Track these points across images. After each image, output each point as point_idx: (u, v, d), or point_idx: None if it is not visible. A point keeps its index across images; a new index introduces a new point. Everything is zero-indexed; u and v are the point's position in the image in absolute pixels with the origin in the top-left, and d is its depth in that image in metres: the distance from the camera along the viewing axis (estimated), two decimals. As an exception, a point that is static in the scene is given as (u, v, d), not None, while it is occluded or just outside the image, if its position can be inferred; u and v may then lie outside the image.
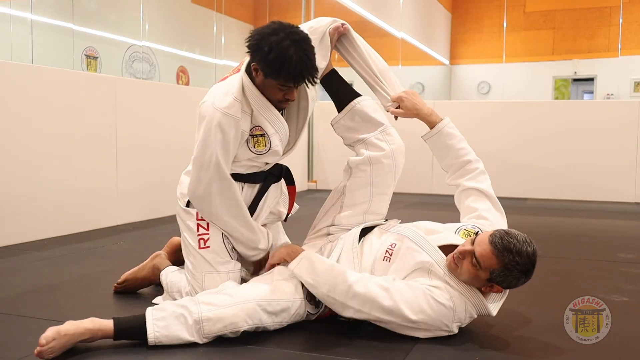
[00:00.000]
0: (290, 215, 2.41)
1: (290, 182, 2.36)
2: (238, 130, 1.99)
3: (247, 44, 1.94)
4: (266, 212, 2.26)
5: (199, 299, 1.86)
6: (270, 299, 1.89)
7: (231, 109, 1.96)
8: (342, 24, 2.25)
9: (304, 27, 2.14)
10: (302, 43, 1.90)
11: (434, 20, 12.49)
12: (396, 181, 2.25)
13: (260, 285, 1.95)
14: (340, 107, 2.29)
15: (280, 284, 1.95)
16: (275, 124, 2.06)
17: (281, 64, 1.87)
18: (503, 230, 1.83)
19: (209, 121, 1.96)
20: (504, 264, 1.77)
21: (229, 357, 1.75)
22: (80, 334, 1.75)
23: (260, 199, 2.21)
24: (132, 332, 1.79)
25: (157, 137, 4.56)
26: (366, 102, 2.27)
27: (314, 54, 1.95)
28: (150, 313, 1.81)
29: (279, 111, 2.08)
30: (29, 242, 3.47)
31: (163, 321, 1.80)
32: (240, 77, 2.02)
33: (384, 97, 2.29)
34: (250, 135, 2.06)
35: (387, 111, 2.29)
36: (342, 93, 2.30)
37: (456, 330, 1.85)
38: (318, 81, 2.17)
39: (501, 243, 1.76)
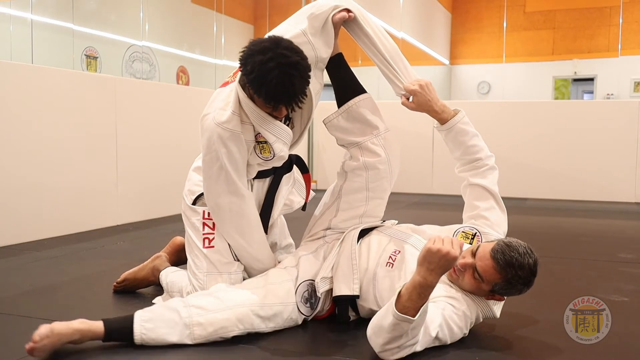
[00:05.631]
0: (307, 203, 2.40)
1: (304, 170, 2.34)
2: (241, 142, 1.96)
3: (239, 55, 1.88)
4: (281, 203, 2.25)
5: (189, 302, 1.84)
6: (263, 304, 1.87)
7: (230, 124, 1.93)
8: (348, 12, 2.08)
9: (305, 13, 2.07)
10: (289, 67, 1.79)
11: (434, 20, 12.49)
12: (392, 185, 2.20)
13: (252, 289, 1.93)
14: (339, 101, 2.20)
15: (273, 287, 1.94)
16: (275, 131, 1.99)
17: (260, 85, 1.81)
18: (504, 242, 1.80)
19: (210, 136, 1.94)
20: (506, 279, 1.77)
21: (224, 358, 1.75)
22: (70, 334, 1.73)
23: (274, 192, 2.19)
24: (120, 333, 1.78)
25: (157, 137, 4.56)
26: (364, 103, 2.17)
27: (304, 79, 1.84)
28: (139, 314, 1.80)
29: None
30: (29, 242, 3.47)
31: (150, 323, 1.78)
32: (235, 89, 1.98)
33: (397, 86, 2.17)
34: (256, 142, 2.02)
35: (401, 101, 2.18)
36: (343, 87, 2.20)
37: (467, 332, 1.85)
38: (317, 84, 2.14)
39: (503, 258, 1.75)
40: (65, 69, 4.70)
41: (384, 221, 2.22)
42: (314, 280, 2.01)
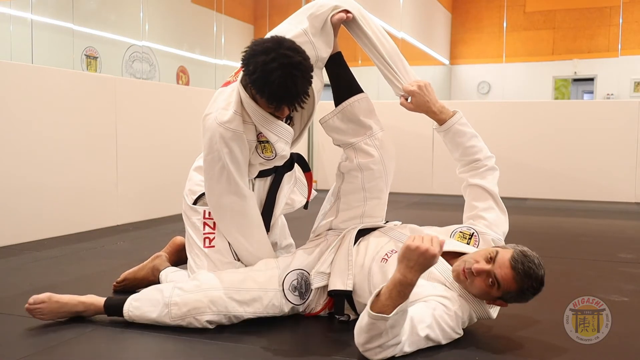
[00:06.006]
0: (309, 202, 2.40)
1: (305, 169, 2.34)
2: (243, 142, 1.96)
3: (241, 55, 1.88)
4: (283, 202, 2.26)
5: (176, 285, 1.96)
6: (239, 288, 1.94)
7: (232, 124, 1.92)
8: (347, 13, 2.08)
9: (305, 13, 2.07)
10: (292, 68, 1.79)
11: (434, 20, 12.49)
12: (389, 185, 2.20)
13: (233, 274, 1.99)
14: (336, 101, 2.20)
15: (254, 273, 1.99)
16: (277, 131, 1.99)
17: (262, 85, 1.81)
18: (521, 251, 1.79)
19: (212, 136, 1.94)
20: (521, 289, 1.77)
21: (224, 357, 1.75)
22: (73, 304, 1.98)
23: (276, 190, 2.19)
24: (115, 308, 1.98)
25: (157, 137, 4.56)
26: (359, 103, 2.16)
27: (307, 79, 1.84)
28: (134, 294, 2.00)
29: None
30: (29, 242, 3.47)
31: (138, 302, 1.95)
32: (237, 89, 1.97)
33: (396, 86, 2.17)
34: (257, 141, 2.02)
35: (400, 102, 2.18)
36: (340, 87, 2.20)
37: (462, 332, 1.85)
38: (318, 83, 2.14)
39: (522, 269, 1.75)
40: (65, 69, 4.70)
41: (386, 222, 2.22)
42: (305, 270, 2.03)
